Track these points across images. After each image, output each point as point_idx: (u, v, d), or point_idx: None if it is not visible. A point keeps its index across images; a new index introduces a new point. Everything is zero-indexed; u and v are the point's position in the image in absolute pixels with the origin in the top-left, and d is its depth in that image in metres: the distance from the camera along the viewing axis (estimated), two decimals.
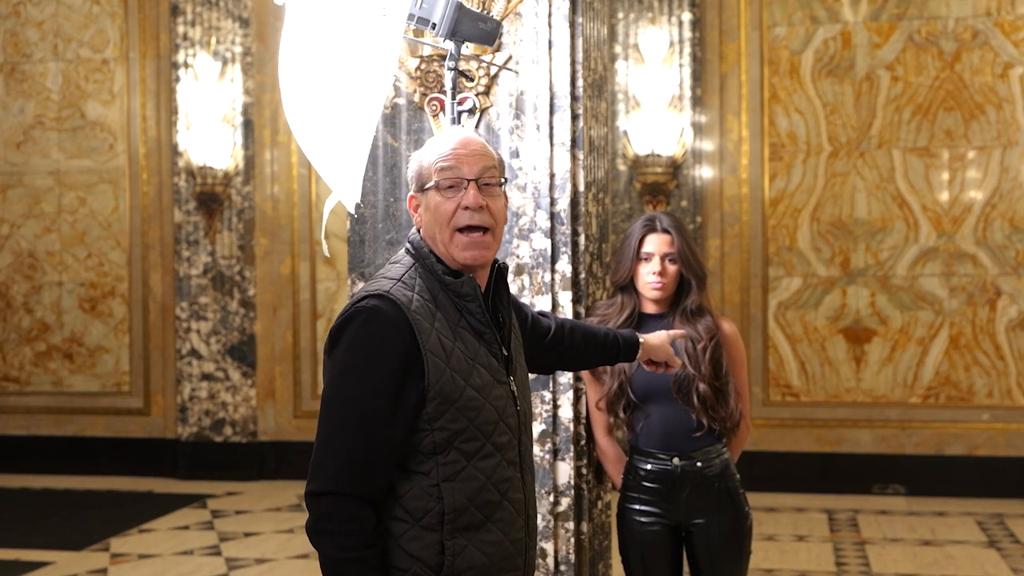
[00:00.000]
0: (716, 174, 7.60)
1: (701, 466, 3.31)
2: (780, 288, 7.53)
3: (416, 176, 2.34)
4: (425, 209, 2.30)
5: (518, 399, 2.33)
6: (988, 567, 5.79)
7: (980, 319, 7.29)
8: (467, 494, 2.20)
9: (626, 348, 2.87)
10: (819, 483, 7.37)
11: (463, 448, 2.20)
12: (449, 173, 2.27)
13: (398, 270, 2.28)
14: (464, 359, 2.21)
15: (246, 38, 8.04)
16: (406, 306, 2.18)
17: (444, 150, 2.29)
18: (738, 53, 7.56)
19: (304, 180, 8.13)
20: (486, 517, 2.22)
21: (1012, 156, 7.28)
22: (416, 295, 2.22)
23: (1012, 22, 7.27)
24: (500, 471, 2.24)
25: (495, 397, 2.25)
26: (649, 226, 3.35)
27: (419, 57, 3.33)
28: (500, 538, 2.24)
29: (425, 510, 2.18)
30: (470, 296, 2.26)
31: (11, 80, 8.46)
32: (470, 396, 2.20)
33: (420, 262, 2.29)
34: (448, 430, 2.18)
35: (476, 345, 2.25)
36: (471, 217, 2.25)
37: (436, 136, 2.38)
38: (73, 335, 8.43)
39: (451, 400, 2.18)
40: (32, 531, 6.79)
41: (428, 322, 2.19)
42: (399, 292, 2.21)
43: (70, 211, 8.41)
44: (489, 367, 2.26)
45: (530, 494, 2.36)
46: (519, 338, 2.47)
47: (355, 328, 2.18)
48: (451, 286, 2.26)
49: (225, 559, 6.08)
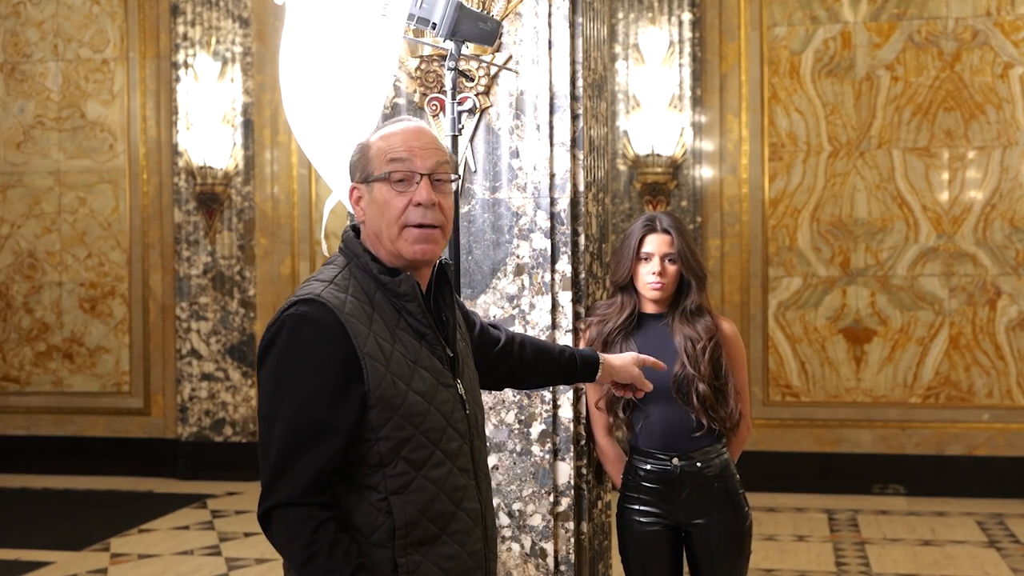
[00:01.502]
0: (716, 174, 7.60)
1: (701, 466, 3.31)
2: (780, 288, 7.53)
3: (360, 165, 2.17)
4: (370, 202, 2.15)
5: (467, 402, 2.19)
6: (988, 567, 5.79)
7: (980, 319, 7.29)
8: (418, 506, 2.06)
9: (584, 367, 2.69)
10: (819, 483, 7.37)
11: (411, 458, 2.06)
12: (400, 166, 2.12)
13: (330, 271, 2.14)
14: (405, 362, 2.08)
15: (246, 38, 8.04)
16: (339, 309, 2.04)
17: (395, 140, 2.14)
18: (738, 53, 7.56)
19: (304, 180, 8.13)
20: (440, 530, 2.09)
21: (1012, 156, 7.28)
22: (350, 296, 2.08)
23: (1012, 22, 7.27)
24: (452, 479, 2.11)
25: (440, 401, 2.11)
26: (649, 226, 3.35)
27: (419, 57, 3.34)
28: (458, 551, 2.11)
29: (374, 526, 2.05)
30: (409, 296, 2.12)
31: (11, 80, 8.46)
32: (413, 401, 2.06)
33: (354, 261, 2.15)
34: (393, 438, 2.04)
35: (417, 347, 2.11)
36: (423, 215, 2.11)
37: (384, 124, 2.22)
38: (73, 335, 8.43)
39: (394, 407, 2.04)
40: (32, 531, 6.79)
41: (364, 325, 2.05)
42: (330, 295, 2.06)
43: (70, 211, 8.41)
44: (432, 370, 2.12)
45: (486, 503, 2.22)
46: (466, 339, 2.34)
47: (285, 337, 2.04)
48: (388, 285, 2.11)
49: (225, 559, 6.08)
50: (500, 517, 3.32)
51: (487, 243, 3.31)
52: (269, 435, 2.04)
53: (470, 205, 3.33)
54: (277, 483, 2.02)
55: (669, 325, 3.34)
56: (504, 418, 3.30)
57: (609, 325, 3.33)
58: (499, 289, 3.30)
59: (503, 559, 3.29)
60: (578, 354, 2.70)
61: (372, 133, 2.21)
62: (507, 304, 3.30)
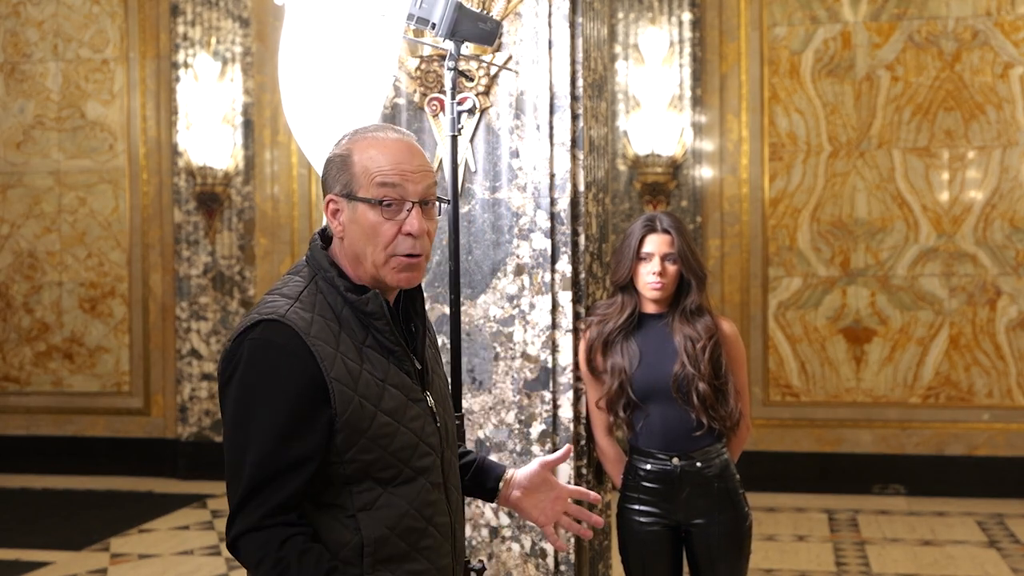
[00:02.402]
0: (716, 174, 7.60)
1: (701, 466, 3.31)
2: (780, 288, 7.53)
3: (340, 176, 2.04)
4: (351, 221, 2.02)
5: (437, 415, 2.10)
6: (988, 567, 5.79)
7: (980, 319, 7.29)
8: (387, 523, 1.99)
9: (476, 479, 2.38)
10: (819, 483, 7.37)
11: (378, 476, 1.99)
12: (392, 192, 2.01)
13: (295, 286, 2.03)
14: (373, 382, 1.99)
15: (246, 38, 8.04)
16: (304, 332, 1.94)
17: (383, 160, 2.02)
18: (738, 53, 7.56)
19: (304, 180, 8.13)
20: (410, 546, 2.02)
21: (1012, 156, 7.28)
22: (316, 315, 1.98)
23: (1012, 22, 7.27)
24: (423, 495, 2.04)
25: (410, 419, 2.03)
26: (649, 226, 3.35)
27: (419, 57, 3.34)
28: (427, 567, 2.04)
29: (342, 543, 1.98)
30: (377, 314, 2.02)
31: (11, 80, 8.46)
32: (382, 423, 1.98)
33: (320, 274, 2.04)
34: (360, 461, 1.97)
35: (385, 364, 2.02)
36: (412, 245, 2.02)
37: (370, 133, 2.07)
38: (73, 335, 8.43)
39: (360, 430, 1.96)
40: (32, 531, 6.79)
41: (331, 347, 1.96)
42: (295, 315, 1.96)
43: (70, 211, 8.41)
44: (402, 386, 2.03)
45: (456, 515, 2.16)
46: (435, 346, 2.25)
47: (248, 362, 1.96)
48: (355, 304, 2.02)
49: (225, 559, 6.07)
50: (500, 517, 3.32)
51: (487, 243, 3.31)
52: (237, 465, 1.98)
53: (470, 205, 3.33)
54: (244, 510, 1.96)
55: (669, 325, 3.34)
56: (504, 418, 3.30)
57: (609, 325, 3.33)
58: (499, 289, 3.31)
59: (503, 559, 3.29)
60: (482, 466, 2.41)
61: (352, 137, 2.07)
62: (507, 304, 3.30)
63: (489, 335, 3.31)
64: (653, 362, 3.31)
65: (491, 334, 3.30)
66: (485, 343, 3.30)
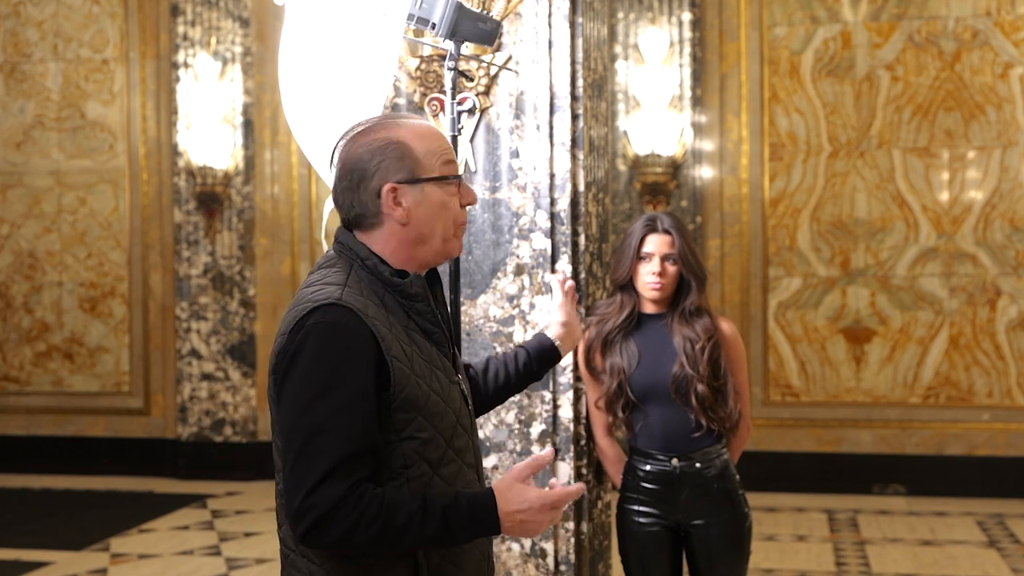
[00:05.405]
0: (716, 174, 7.60)
1: (700, 467, 3.31)
2: (780, 288, 7.53)
3: (407, 164, 2.09)
4: (418, 203, 2.09)
5: (467, 397, 2.21)
6: (988, 567, 5.79)
7: (980, 319, 7.30)
8: None
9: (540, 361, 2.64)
10: (819, 483, 7.37)
11: (429, 458, 2.04)
12: (454, 168, 2.15)
13: (338, 275, 2.07)
14: (423, 363, 2.06)
15: (246, 38, 8.04)
16: (363, 312, 1.99)
17: (438, 144, 2.13)
18: (738, 53, 7.56)
19: (304, 180, 8.13)
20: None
21: (1012, 156, 7.28)
22: (367, 299, 2.04)
23: (1012, 22, 7.27)
24: (463, 476, 2.10)
25: (452, 399, 2.10)
26: (650, 226, 3.35)
27: (419, 57, 3.34)
28: (470, 547, 2.10)
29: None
30: (419, 296, 2.09)
31: (11, 80, 8.46)
32: (434, 401, 2.05)
33: (359, 263, 2.09)
34: (417, 439, 2.02)
35: (429, 347, 2.10)
36: (465, 213, 2.19)
37: (403, 121, 2.16)
38: (73, 335, 8.43)
39: (417, 407, 2.02)
40: (32, 531, 6.79)
41: (385, 327, 2.02)
42: (352, 298, 2.01)
43: (70, 211, 8.41)
44: (444, 369, 2.12)
45: None
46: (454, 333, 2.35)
47: (314, 347, 1.97)
48: (400, 287, 2.07)
49: (225, 559, 6.08)
50: None
51: (487, 243, 3.31)
52: (309, 446, 1.95)
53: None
54: (322, 487, 1.93)
55: (668, 325, 3.35)
56: (504, 418, 3.30)
57: (609, 325, 3.33)
58: (499, 289, 3.31)
59: (503, 559, 3.29)
60: (532, 352, 2.63)
61: (389, 128, 2.13)
62: (507, 304, 3.30)
63: (489, 335, 3.31)
64: (652, 363, 3.31)
65: (491, 334, 3.30)
66: (485, 343, 3.30)
